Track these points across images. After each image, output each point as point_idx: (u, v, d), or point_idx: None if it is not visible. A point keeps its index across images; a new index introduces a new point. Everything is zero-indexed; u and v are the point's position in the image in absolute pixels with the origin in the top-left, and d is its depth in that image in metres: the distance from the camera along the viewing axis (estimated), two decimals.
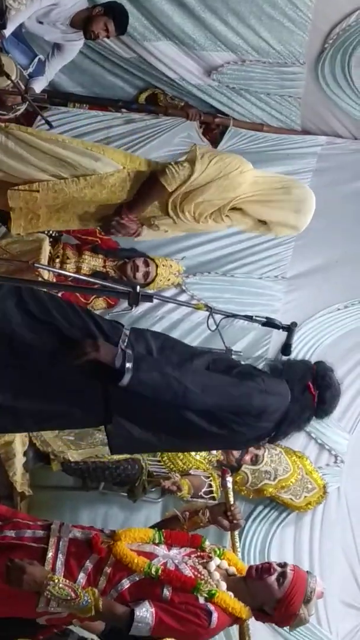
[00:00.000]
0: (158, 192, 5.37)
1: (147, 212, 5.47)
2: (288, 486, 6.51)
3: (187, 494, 5.99)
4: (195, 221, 5.46)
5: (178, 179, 5.26)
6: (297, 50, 7.46)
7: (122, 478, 6.09)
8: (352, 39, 7.24)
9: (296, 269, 7.62)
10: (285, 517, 6.76)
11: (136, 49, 7.51)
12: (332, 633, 6.68)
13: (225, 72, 7.60)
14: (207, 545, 4.38)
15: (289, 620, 4.26)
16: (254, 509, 6.74)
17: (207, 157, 5.29)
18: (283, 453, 6.55)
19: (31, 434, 5.88)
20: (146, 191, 5.38)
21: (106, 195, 5.40)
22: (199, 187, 5.27)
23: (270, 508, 6.75)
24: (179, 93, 7.88)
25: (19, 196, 5.35)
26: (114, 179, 5.37)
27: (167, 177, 5.27)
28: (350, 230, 7.70)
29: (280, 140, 7.88)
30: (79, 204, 5.44)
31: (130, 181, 5.39)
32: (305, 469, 6.68)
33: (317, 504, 6.74)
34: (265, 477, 6.41)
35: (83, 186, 5.35)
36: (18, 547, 4.19)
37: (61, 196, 5.37)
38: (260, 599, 4.24)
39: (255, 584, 4.26)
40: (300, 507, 6.68)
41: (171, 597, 4.08)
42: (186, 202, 5.36)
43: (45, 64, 7.08)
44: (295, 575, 4.28)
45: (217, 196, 5.31)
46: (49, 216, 5.50)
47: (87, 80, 7.93)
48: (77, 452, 5.95)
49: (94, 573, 4.15)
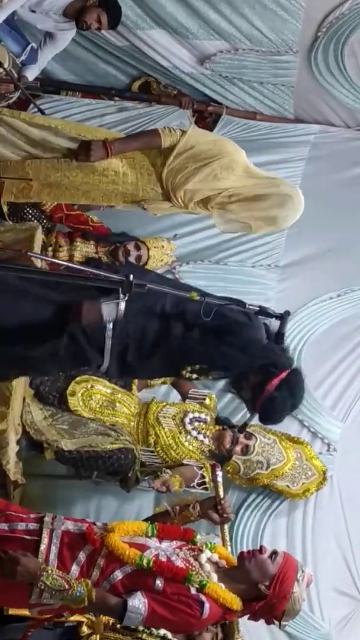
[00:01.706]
0: (150, 137, 5.51)
1: (140, 195, 5.54)
2: (282, 475, 6.51)
3: (178, 489, 6.00)
4: (186, 207, 5.55)
5: (170, 137, 5.40)
6: (290, 39, 7.46)
7: (115, 468, 6.08)
8: (345, 28, 7.23)
9: (289, 258, 7.62)
10: (278, 505, 6.76)
11: (129, 38, 7.49)
12: (324, 620, 6.71)
13: (218, 61, 7.59)
14: (198, 539, 4.41)
15: (282, 601, 4.28)
16: (246, 497, 6.75)
17: (203, 133, 5.58)
18: (277, 442, 6.53)
19: (25, 423, 5.88)
20: (140, 133, 5.51)
21: (97, 177, 5.44)
22: (192, 165, 5.36)
23: (264, 496, 6.76)
24: (172, 81, 7.87)
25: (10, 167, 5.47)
26: (106, 164, 5.44)
27: (164, 129, 5.45)
28: (343, 219, 7.70)
29: (273, 128, 7.88)
30: (70, 185, 5.49)
31: (122, 167, 5.47)
32: (305, 455, 6.66)
33: (316, 490, 6.72)
34: (257, 467, 6.41)
35: (75, 167, 5.43)
36: (11, 539, 4.20)
37: (53, 174, 5.45)
38: (255, 576, 4.27)
39: (248, 563, 4.30)
40: (297, 494, 6.66)
41: (163, 587, 4.11)
42: (179, 185, 5.43)
43: (37, 52, 7.06)
44: (285, 555, 4.38)
45: (207, 183, 5.37)
46: (40, 188, 5.56)
47: (80, 69, 7.91)
48: (70, 441, 5.94)
49: (87, 565, 4.17)
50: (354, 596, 6.91)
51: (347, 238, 7.62)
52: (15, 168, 5.46)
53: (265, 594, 4.26)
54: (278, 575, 4.26)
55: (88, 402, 6.00)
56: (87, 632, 5.01)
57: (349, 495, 7.00)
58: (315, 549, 6.83)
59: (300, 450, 6.66)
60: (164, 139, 5.42)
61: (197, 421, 6.22)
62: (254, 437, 6.37)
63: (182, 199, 5.50)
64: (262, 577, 4.27)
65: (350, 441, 7.11)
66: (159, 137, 5.44)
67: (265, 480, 6.50)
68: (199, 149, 5.41)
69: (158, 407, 6.21)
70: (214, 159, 5.38)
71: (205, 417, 6.27)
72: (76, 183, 5.50)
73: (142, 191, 5.54)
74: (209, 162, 5.38)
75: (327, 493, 6.89)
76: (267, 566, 4.28)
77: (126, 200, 5.63)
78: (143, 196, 5.57)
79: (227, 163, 5.41)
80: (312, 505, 6.86)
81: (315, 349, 7.18)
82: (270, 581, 4.26)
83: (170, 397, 6.66)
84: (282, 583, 4.26)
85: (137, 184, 5.52)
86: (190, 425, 6.18)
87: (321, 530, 6.88)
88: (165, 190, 5.50)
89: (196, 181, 5.40)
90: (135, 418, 6.15)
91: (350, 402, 7.19)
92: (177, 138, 5.41)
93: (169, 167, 5.42)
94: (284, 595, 4.27)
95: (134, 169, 5.51)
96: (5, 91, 6.50)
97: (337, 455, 7.01)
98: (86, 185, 5.51)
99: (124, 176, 5.49)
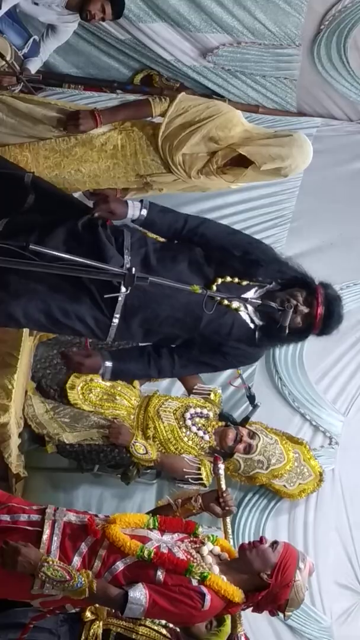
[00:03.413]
0: (140, 106, 5.58)
1: (142, 168, 5.55)
2: (281, 475, 6.50)
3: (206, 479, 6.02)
4: (187, 175, 5.52)
5: (160, 105, 5.44)
6: (292, 32, 7.44)
7: (117, 461, 6.09)
8: (347, 21, 7.22)
9: (291, 251, 7.56)
10: (277, 503, 6.76)
11: (131, 31, 7.47)
12: (326, 613, 6.72)
13: (220, 54, 7.57)
14: (200, 532, 4.42)
15: (285, 590, 4.30)
16: (246, 494, 6.75)
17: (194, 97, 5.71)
18: (278, 442, 6.50)
19: (26, 416, 5.88)
20: (130, 102, 5.78)
21: (96, 153, 5.45)
22: (187, 129, 5.39)
23: (262, 494, 6.76)
24: (174, 74, 7.85)
25: (9, 152, 5.46)
26: (105, 138, 5.46)
27: (155, 98, 5.50)
28: (345, 212, 7.69)
29: (275, 121, 7.84)
30: (70, 164, 5.48)
31: (120, 140, 5.48)
32: (303, 456, 6.65)
33: (312, 491, 6.71)
34: (258, 466, 6.39)
35: (73, 144, 5.45)
36: (13, 530, 4.21)
37: (52, 156, 5.44)
38: (256, 566, 4.30)
39: (249, 553, 4.33)
40: (293, 494, 6.64)
41: (164, 579, 4.12)
42: (175, 149, 5.43)
43: (40, 44, 7.05)
44: (286, 544, 4.45)
45: (205, 146, 5.42)
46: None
47: (82, 62, 7.89)
48: (72, 435, 5.94)
49: (88, 556, 4.19)
50: (356, 589, 6.92)
51: (350, 231, 7.61)
52: (14, 152, 5.46)
53: (268, 583, 4.28)
54: (279, 564, 4.29)
55: (88, 396, 6.00)
56: (91, 618, 5.02)
57: (350, 489, 7.00)
58: (317, 542, 6.83)
59: (299, 451, 6.66)
60: (154, 107, 5.43)
61: (198, 417, 6.21)
62: (257, 437, 6.34)
63: (181, 167, 5.47)
64: (263, 567, 4.29)
65: (352, 435, 7.11)
66: (149, 105, 5.45)
67: (263, 479, 6.48)
68: (191, 112, 5.41)
69: (160, 401, 6.20)
70: (208, 120, 5.37)
71: (208, 413, 6.25)
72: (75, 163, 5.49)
73: (143, 164, 5.54)
74: (204, 124, 5.37)
75: (329, 487, 6.89)
76: (269, 555, 4.30)
77: (129, 176, 5.61)
78: (145, 170, 5.57)
79: (222, 122, 5.39)
80: (314, 499, 6.86)
81: (317, 342, 7.14)
82: (272, 570, 4.28)
83: (172, 391, 6.66)
84: (284, 571, 4.28)
85: (136, 156, 5.52)
86: (190, 421, 6.17)
87: (323, 524, 6.89)
88: (164, 159, 5.49)
89: (192, 144, 5.39)
90: (135, 410, 6.15)
91: (352, 396, 7.19)
92: (167, 106, 5.43)
93: (163, 134, 5.42)
94: (287, 584, 4.29)
95: (133, 141, 5.50)
96: (8, 84, 6.48)
97: (339, 448, 7.01)
98: (86, 164, 5.50)
99: (122, 149, 5.49)
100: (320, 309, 4.40)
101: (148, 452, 5.96)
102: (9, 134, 5.47)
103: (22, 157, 5.44)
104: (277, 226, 7.54)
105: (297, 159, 5.50)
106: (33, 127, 5.47)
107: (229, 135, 5.42)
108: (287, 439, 6.65)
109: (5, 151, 5.45)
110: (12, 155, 5.44)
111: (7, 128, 5.46)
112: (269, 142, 5.43)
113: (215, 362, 4.62)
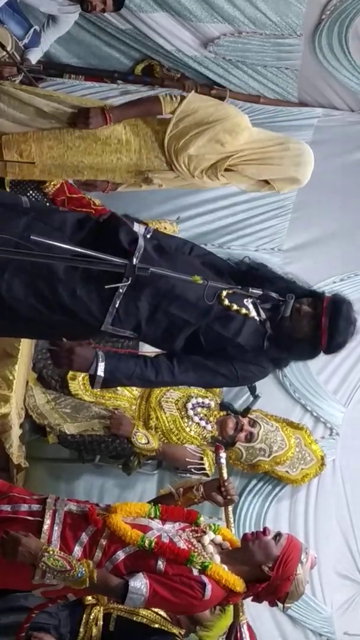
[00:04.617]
0: (150, 104, 5.54)
1: (145, 164, 5.55)
2: (283, 462, 6.51)
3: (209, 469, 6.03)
4: (190, 175, 5.52)
5: (170, 104, 5.43)
6: (294, 22, 7.41)
7: (118, 451, 6.11)
8: (349, 11, 7.19)
9: (292, 242, 7.61)
10: (280, 490, 6.77)
11: (132, 21, 7.45)
12: (326, 604, 6.73)
13: (221, 44, 7.55)
14: (202, 521, 4.43)
15: (286, 583, 4.31)
16: (248, 482, 6.76)
17: (204, 98, 5.65)
18: (279, 428, 6.52)
19: (27, 407, 5.89)
20: (140, 99, 5.70)
21: (100, 146, 5.44)
22: (194, 130, 5.39)
23: (265, 481, 6.76)
24: (175, 65, 7.83)
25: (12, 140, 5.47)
26: (109, 132, 5.46)
27: (165, 96, 5.48)
28: (346, 203, 7.69)
29: (276, 112, 7.83)
30: (74, 156, 5.49)
31: (125, 134, 5.48)
32: (304, 441, 6.67)
33: (315, 476, 6.73)
34: (260, 454, 6.40)
35: (77, 136, 5.44)
36: (14, 520, 4.22)
37: (55, 145, 5.44)
38: (258, 558, 4.31)
39: (252, 544, 4.33)
40: (296, 480, 6.66)
41: (165, 569, 4.13)
42: (181, 149, 5.43)
43: (40, 34, 7.03)
44: (289, 536, 4.43)
45: (211, 148, 5.39)
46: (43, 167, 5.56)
47: (83, 52, 7.87)
48: (73, 425, 5.95)
49: (89, 545, 4.19)
50: (356, 580, 6.93)
51: (351, 222, 7.60)
52: (17, 141, 5.45)
53: (269, 576, 4.28)
54: (281, 557, 4.29)
55: (89, 386, 6.00)
56: (92, 602, 5.03)
57: (351, 480, 7.01)
58: (318, 533, 6.84)
59: (299, 436, 6.67)
60: (165, 106, 5.43)
61: (200, 407, 6.22)
62: (258, 425, 6.35)
63: (185, 166, 5.47)
64: (265, 559, 4.29)
65: (353, 425, 7.11)
66: (159, 103, 5.44)
67: (266, 466, 6.50)
68: (200, 113, 5.41)
69: (161, 391, 6.20)
70: (216, 123, 5.38)
71: (209, 403, 6.27)
72: (79, 155, 5.49)
73: (146, 160, 5.53)
74: (211, 126, 5.38)
75: (330, 477, 6.90)
76: (271, 548, 4.30)
77: (130, 171, 5.60)
78: (148, 166, 5.55)
79: (230, 126, 5.40)
80: (315, 489, 6.87)
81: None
82: (273, 563, 4.28)
83: None
84: (286, 565, 4.28)
85: (140, 152, 5.51)
86: (192, 411, 6.19)
87: (323, 515, 6.90)
88: (168, 157, 5.49)
89: (199, 145, 5.40)
90: (137, 401, 6.15)
91: (353, 387, 7.19)
92: (177, 105, 5.43)
93: (170, 133, 5.42)
94: (287, 577, 4.29)
95: (137, 136, 5.49)
96: (9, 74, 6.46)
97: (340, 439, 7.02)
98: (89, 156, 5.50)
99: (127, 144, 5.48)
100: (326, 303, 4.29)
101: (150, 441, 5.98)
102: (11, 124, 5.46)
103: (26, 147, 5.44)
104: (277, 217, 7.53)
105: (309, 175, 5.62)
106: (35, 119, 5.46)
107: (235, 140, 5.43)
108: (288, 425, 6.66)
109: (9, 140, 5.44)
110: (16, 145, 5.44)
111: (8, 118, 5.45)
112: (284, 165, 5.50)
113: (221, 369, 4.31)
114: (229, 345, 4.27)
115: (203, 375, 4.34)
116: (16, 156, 5.46)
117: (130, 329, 4.20)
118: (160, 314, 4.19)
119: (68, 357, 4.13)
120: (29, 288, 4.08)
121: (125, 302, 4.10)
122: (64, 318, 4.13)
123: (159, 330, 4.24)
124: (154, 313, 4.18)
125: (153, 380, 4.30)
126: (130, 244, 4.13)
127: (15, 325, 4.24)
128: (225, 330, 4.23)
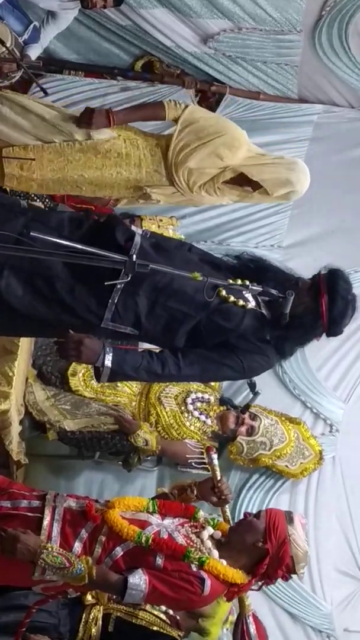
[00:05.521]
0: (154, 108, 5.58)
1: (144, 179, 5.52)
2: (284, 455, 6.52)
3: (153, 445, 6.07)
4: (190, 190, 5.50)
5: (174, 110, 5.43)
6: (294, 18, 7.40)
7: (118, 448, 6.12)
8: (349, 7, 7.18)
9: (292, 238, 7.61)
10: (281, 486, 6.78)
11: (132, 17, 7.44)
12: (326, 600, 6.74)
13: (221, 40, 7.54)
14: (200, 516, 4.44)
15: (285, 548, 4.33)
16: (249, 477, 6.77)
17: (204, 110, 5.68)
18: (279, 422, 6.54)
19: (27, 403, 5.89)
20: (144, 104, 5.53)
21: (100, 160, 5.42)
22: (195, 143, 5.39)
23: (266, 477, 6.77)
24: (175, 61, 7.82)
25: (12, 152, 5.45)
26: (109, 145, 5.44)
27: (170, 102, 5.48)
28: (346, 199, 7.69)
29: (276, 108, 7.83)
30: (74, 169, 5.47)
31: (125, 148, 5.45)
32: (302, 435, 6.68)
33: (313, 470, 6.75)
34: (261, 448, 6.41)
35: (77, 149, 5.43)
36: (14, 517, 4.22)
37: (56, 159, 5.42)
38: (249, 539, 4.36)
39: (237, 530, 4.41)
40: (296, 474, 6.68)
41: (164, 565, 4.14)
42: (181, 162, 5.43)
43: (40, 31, 7.02)
44: (268, 509, 4.54)
45: (211, 162, 5.38)
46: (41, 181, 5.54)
47: (83, 48, 7.86)
48: (73, 422, 5.96)
49: (89, 541, 4.20)
50: (356, 576, 6.94)
51: (351, 218, 7.61)
52: (18, 154, 5.44)
53: (266, 549, 4.30)
54: (268, 527, 4.35)
55: (89, 382, 6.01)
56: (92, 602, 5.04)
57: (351, 476, 7.02)
58: (318, 529, 6.85)
59: (297, 430, 6.68)
60: (168, 112, 5.43)
61: (200, 401, 6.23)
62: (258, 418, 6.37)
63: (185, 180, 5.49)
64: (255, 537, 4.34)
65: (353, 422, 7.12)
66: (163, 108, 5.44)
67: (267, 460, 6.51)
68: (201, 124, 5.43)
69: (160, 387, 6.21)
70: (216, 136, 5.40)
71: (209, 398, 6.27)
72: (79, 169, 5.48)
73: (146, 174, 5.53)
74: (211, 140, 5.39)
75: (330, 474, 6.91)
76: (255, 524, 4.36)
77: (129, 187, 5.60)
78: (147, 181, 5.55)
79: (229, 141, 5.42)
80: (315, 485, 6.88)
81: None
82: (263, 536, 4.31)
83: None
84: (276, 531, 4.34)
85: (140, 166, 5.51)
86: (192, 406, 6.19)
87: (323, 511, 6.91)
88: (169, 170, 5.49)
89: (199, 159, 5.41)
90: (137, 397, 6.15)
91: (353, 383, 7.20)
92: (180, 112, 5.43)
93: (174, 143, 5.42)
94: (283, 541, 4.33)
95: (137, 150, 5.49)
96: (8, 70, 6.46)
97: (340, 436, 7.03)
98: (89, 170, 5.49)
99: (126, 157, 5.48)
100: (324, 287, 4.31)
101: (148, 443, 5.99)
102: (11, 131, 5.44)
103: (27, 160, 5.42)
104: (278, 213, 7.53)
105: (304, 184, 5.59)
106: (37, 126, 5.45)
107: (234, 155, 5.44)
108: (286, 419, 6.67)
109: (10, 153, 5.43)
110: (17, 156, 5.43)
111: (10, 125, 5.43)
112: (278, 168, 5.49)
113: (226, 360, 4.27)
114: (232, 336, 4.25)
115: (208, 368, 4.30)
116: (17, 169, 5.45)
117: (130, 325, 4.19)
118: (159, 308, 4.19)
119: (77, 348, 4.05)
120: (27, 286, 4.10)
121: (124, 298, 4.11)
122: (63, 316, 4.14)
123: (159, 326, 4.23)
124: (153, 307, 4.18)
125: (160, 373, 4.23)
126: (126, 241, 4.15)
127: (15, 323, 4.24)
128: (227, 321, 4.22)
